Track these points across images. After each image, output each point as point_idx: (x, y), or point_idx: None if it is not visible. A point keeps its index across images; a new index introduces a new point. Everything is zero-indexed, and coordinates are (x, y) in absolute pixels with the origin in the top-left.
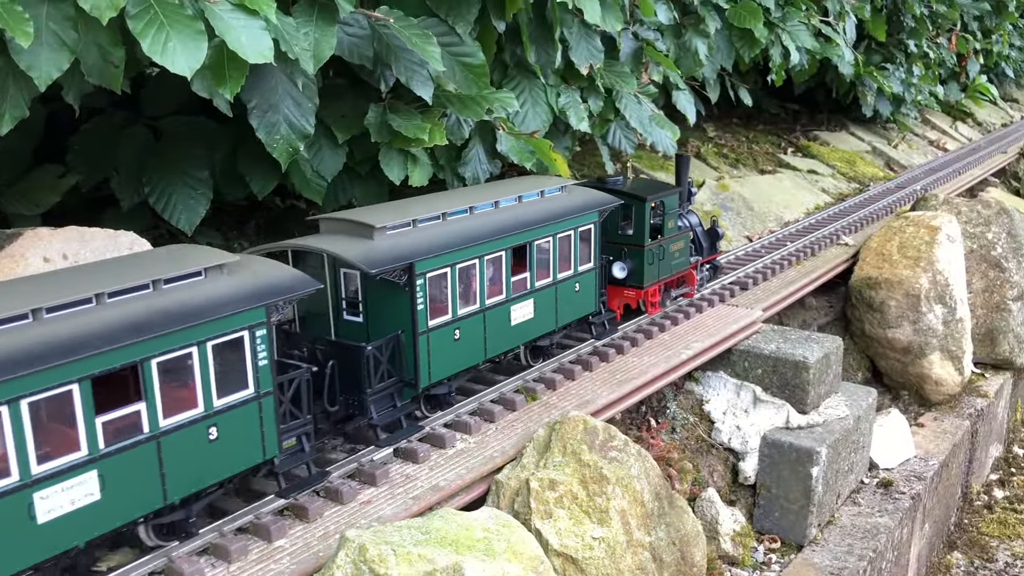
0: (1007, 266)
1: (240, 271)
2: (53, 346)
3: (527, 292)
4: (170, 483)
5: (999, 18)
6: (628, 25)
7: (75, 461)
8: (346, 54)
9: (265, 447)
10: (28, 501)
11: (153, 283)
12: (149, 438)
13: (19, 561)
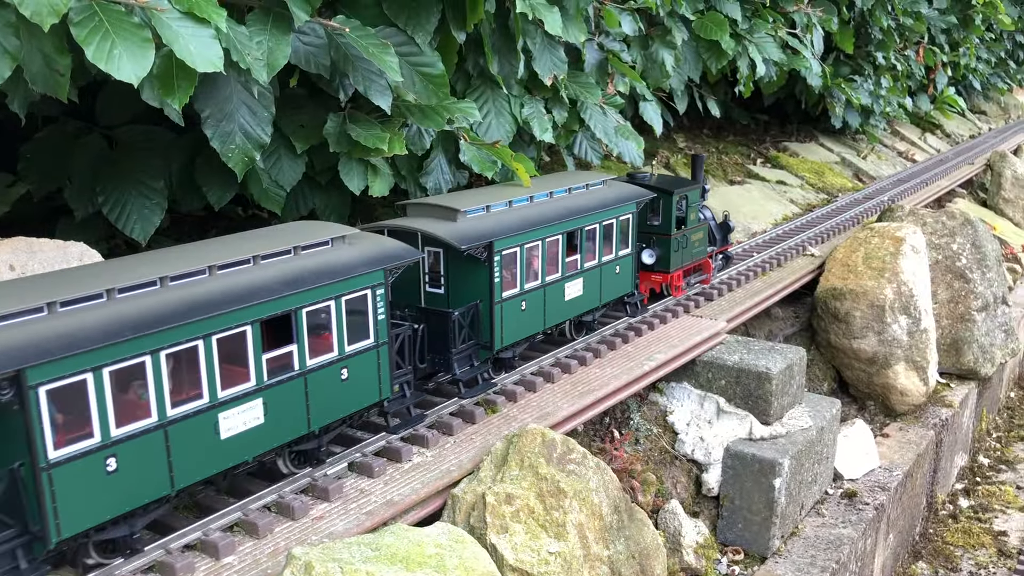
0: (972, 277)
1: (358, 242)
2: (230, 295)
3: (577, 272)
4: (313, 413)
5: (966, 31)
6: (593, 36)
7: (247, 389)
8: (302, 63)
9: (381, 389)
10: (215, 420)
11: (294, 249)
12: (299, 375)
13: (207, 469)
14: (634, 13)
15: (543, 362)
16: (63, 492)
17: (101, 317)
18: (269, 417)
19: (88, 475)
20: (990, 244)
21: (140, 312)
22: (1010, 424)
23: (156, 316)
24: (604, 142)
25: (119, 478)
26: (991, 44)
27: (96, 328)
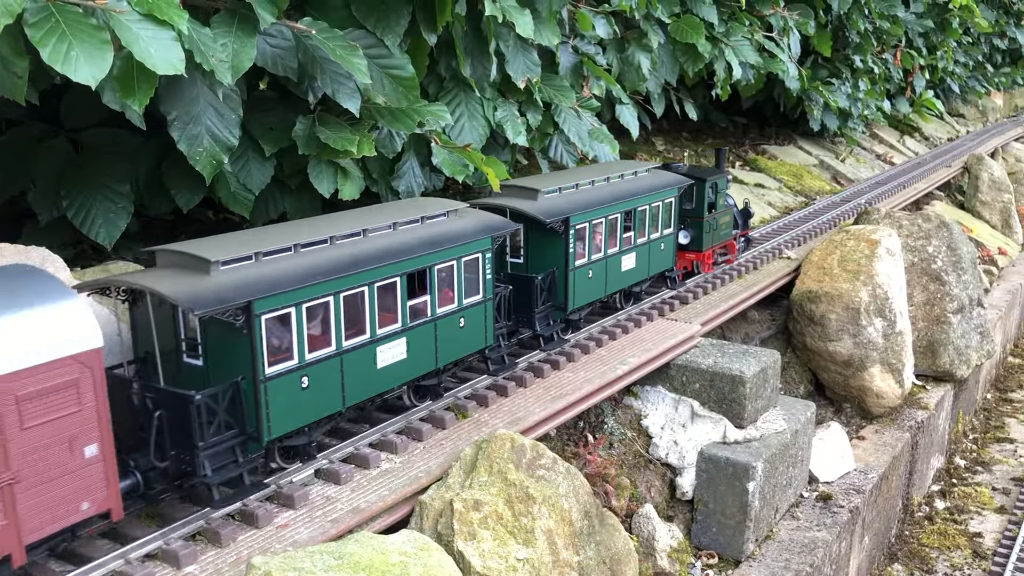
0: (947, 279)
1: (465, 215)
2: (383, 252)
3: (631, 247)
4: (440, 353)
5: (943, 35)
6: (567, 39)
7: (395, 330)
8: (269, 65)
9: (486, 337)
10: (374, 353)
11: (422, 219)
12: (431, 320)
13: (367, 392)
14: (609, 16)
15: (516, 366)
16: (273, 402)
17: (296, 265)
18: (410, 353)
19: (289, 389)
20: (965, 247)
21: (323, 263)
22: (986, 426)
23: (334, 266)
24: (578, 145)
25: (309, 393)
26: (968, 48)
27: (296, 273)
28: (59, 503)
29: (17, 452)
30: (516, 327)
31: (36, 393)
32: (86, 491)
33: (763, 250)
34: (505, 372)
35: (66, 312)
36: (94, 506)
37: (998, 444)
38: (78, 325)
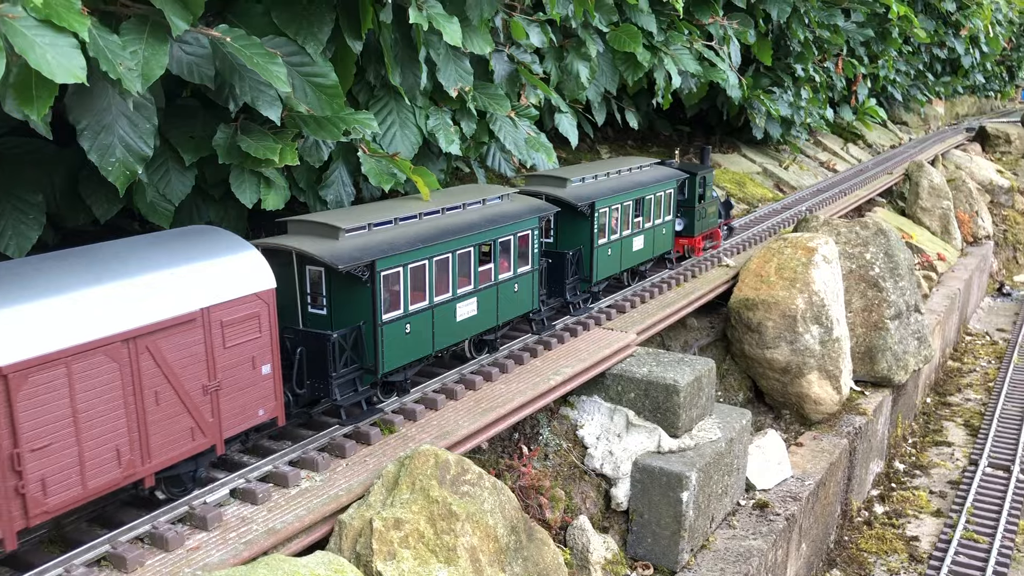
0: (884, 285)
1: (515, 199)
2: (460, 226)
3: (640, 231)
4: (499, 312)
5: (884, 44)
6: (502, 47)
7: (469, 291)
8: (184, 73)
9: (533, 301)
10: (454, 308)
11: (483, 200)
12: (494, 284)
13: (448, 340)
14: (544, 25)
15: (447, 379)
16: (386, 343)
17: (400, 234)
18: (479, 311)
19: (397, 334)
20: (902, 253)
21: (418, 233)
22: (925, 429)
23: (427, 236)
24: (514, 154)
25: (410, 338)
26: (909, 57)
27: (401, 240)
28: (245, 408)
29: (221, 366)
30: (549, 297)
31: (233, 320)
32: (262, 400)
33: (702, 258)
34: (546, 332)
35: (249, 260)
36: (267, 413)
37: (936, 448)
38: (258, 270)
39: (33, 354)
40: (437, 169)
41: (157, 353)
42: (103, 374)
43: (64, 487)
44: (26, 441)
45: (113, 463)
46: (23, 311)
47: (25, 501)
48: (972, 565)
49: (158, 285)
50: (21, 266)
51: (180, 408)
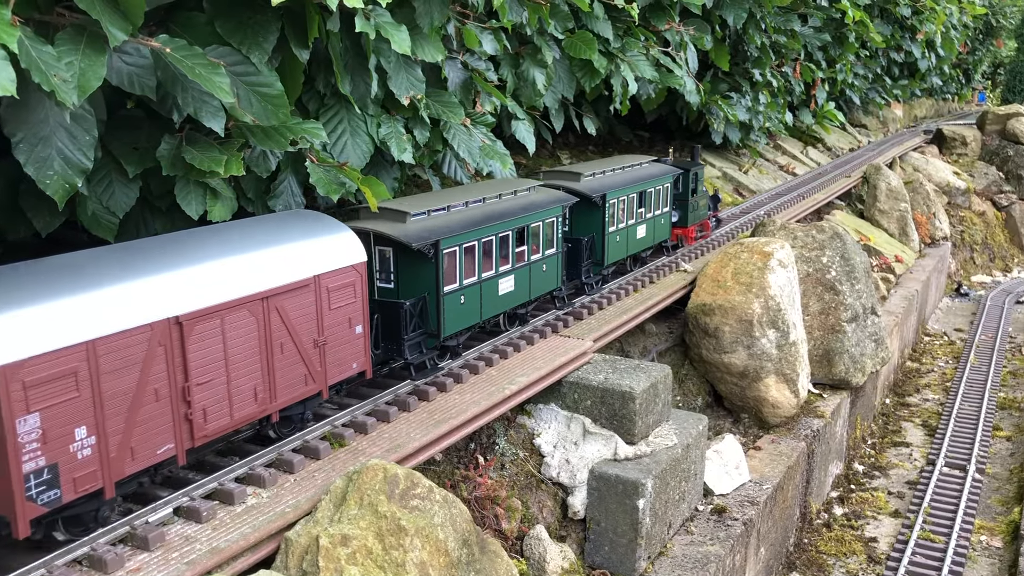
0: (841, 289)
1: (541, 190)
2: (500, 213)
3: (642, 220)
4: (532, 289)
5: (841, 49)
6: (456, 55)
7: (508, 269)
8: (125, 84)
9: (557, 280)
10: (497, 284)
11: (515, 192)
12: (526, 264)
13: (492, 311)
14: (498, 32)
15: (399, 390)
16: (447, 311)
17: (454, 219)
18: (515, 287)
19: (455, 303)
20: (858, 256)
21: (468, 218)
22: (884, 430)
23: (476, 221)
24: (469, 162)
25: (464, 307)
26: (867, 61)
27: (456, 223)
28: (343, 361)
29: (327, 324)
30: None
31: (336, 287)
32: (355, 356)
33: (659, 264)
34: (565, 309)
35: (347, 238)
36: (359, 367)
37: (895, 448)
38: (353, 246)
39: (199, 306)
40: (391, 178)
41: (282, 311)
42: (245, 326)
43: (218, 416)
44: (193, 376)
45: (251, 399)
46: (192, 272)
47: (192, 426)
48: (928, 565)
49: (282, 256)
50: (187, 236)
51: (298, 358)
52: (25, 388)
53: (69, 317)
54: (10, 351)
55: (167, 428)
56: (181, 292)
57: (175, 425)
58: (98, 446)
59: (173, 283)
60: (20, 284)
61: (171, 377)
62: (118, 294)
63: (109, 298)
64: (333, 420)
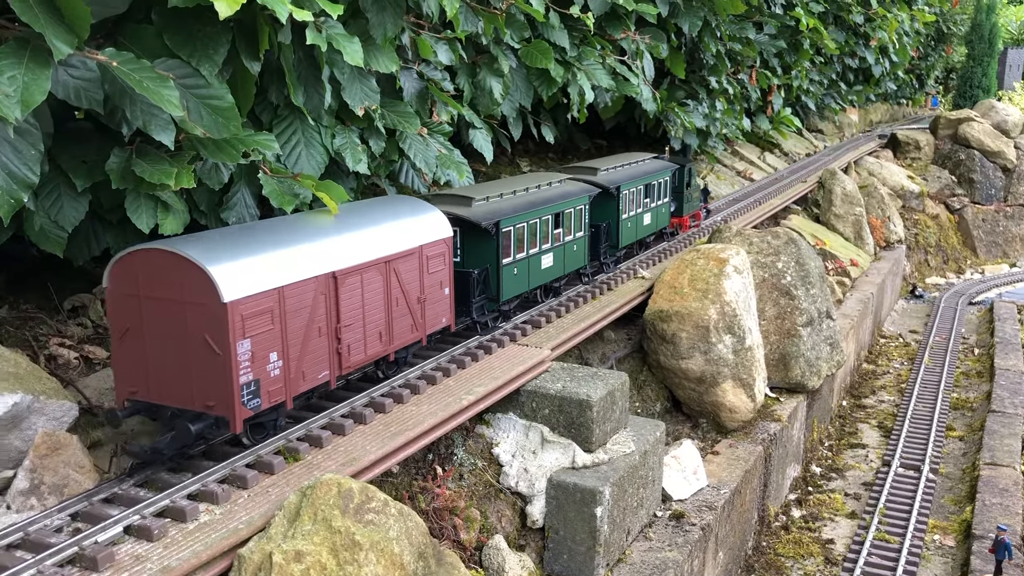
0: (796, 293)
1: (568, 182)
2: (542, 200)
3: (647, 209)
4: (566, 265)
5: (796, 55)
6: (412, 65)
7: (548, 248)
8: (72, 98)
9: (585, 259)
10: (540, 259)
11: (550, 183)
12: (561, 244)
13: (536, 282)
14: (453, 42)
15: (355, 402)
16: (504, 280)
17: (507, 204)
18: (554, 263)
19: (510, 274)
20: (813, 261)
21: (518, 203)
22: (841, 432)
23: (524, 205)
24: (425, 171)
25: (517, 278)
26: (822, 67)
27: (509, 207)
28: (436, 316)
29: (426, 285)
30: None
31: (432, 255)
32: (444, 312)
33: (618, 270)
34: (588, 284)
35: (438, 216)
36: (446, 322)
37: (852, 450)
38: (444, 223)
39: (346, 265)
40: (347, 187)
41: (398, 272)
42: (375, 282)
43: (357, 352)
44: (342, 319)
45: (378, 340)
46: (340, 239)
47: (340, 358)
48: (883, 565)
49: (397, 229)
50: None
51: (407, 310)
52: (243, 319)
53: (267, 268)
54: (234, 291)
55: (325, 358)
56: (335, 254)
57: (330, 356)
58: (283, 368)
59: (330, 247)
60: (234, 243)
61: (328, 319)
62: (295, 253)
63: (290, 256)
64: (288, 434)
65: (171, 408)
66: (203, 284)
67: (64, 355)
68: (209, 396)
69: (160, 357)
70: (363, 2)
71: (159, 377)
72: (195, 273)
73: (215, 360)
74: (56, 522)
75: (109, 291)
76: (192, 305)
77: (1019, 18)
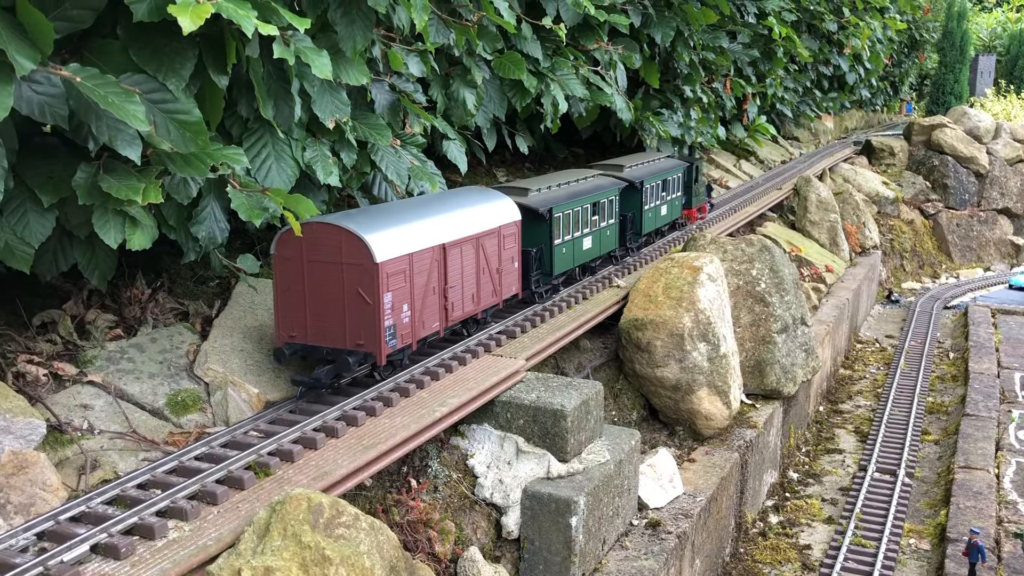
0: (771, 300)
1: (600, 177)
2: (584, 191)
3: (664, 201)
4: (601, 248)
5: (770, 64)
6: (383, 77)
7: (587, 232)
8: (36, 114)
9: (616, 242)
10: (582, 241)
11: (586, 178)
12: (598, 229)
13: (580, 260)
14: (424, 54)
15: (327, 416)
16: (556, 257)
17: (553, 195)
18: (592, 245)
19: (560, 252)
20: (787, 268)
21: (563, 194)
22: (818, 438)
23: (569, 195)
24: (397, 183)
25: (565, 256)
26: (796, 75)
27: (557, 197)
28: (508, 285)
29: (502, 259)
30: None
31: (506, 235)
32: (514, 283)
33: (593, 279)
34: (618, 265)
35: (510, 203)
36: (515, 290)
37: (829, 455)
38: (513, 209)
39: (452, 238)
40: (319, 200)
41: (484, 247)
42: (470, 254)
43: (457, 308)
44: (448, 281)
45: (471, 301)
46: (447, 217)
47: (446, 313)
48: (860, 570)
49: (483, 212)
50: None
51: (489, 279)
52: (387, 277)
53: (402, 238)
54: (383, 254)
55: (436, 312)
56: (444, 229)
57: (439, 311)
58: (411, 317)
59: (440, 223)
60: (377, 219)
61: (439, 281)
62: (420, 227)
63: (416, 229)
64: (259, 449)
65: (325, 348)
66: (360, 249)
67: (32, 372)
68: (360, 337)
69: (318, 307)
70: (332, 15)
71: (316, 324)
72: (354, 241)
73: (366, 308)
74: (21, 542)
75: (275, 257)
76: (349, 266)
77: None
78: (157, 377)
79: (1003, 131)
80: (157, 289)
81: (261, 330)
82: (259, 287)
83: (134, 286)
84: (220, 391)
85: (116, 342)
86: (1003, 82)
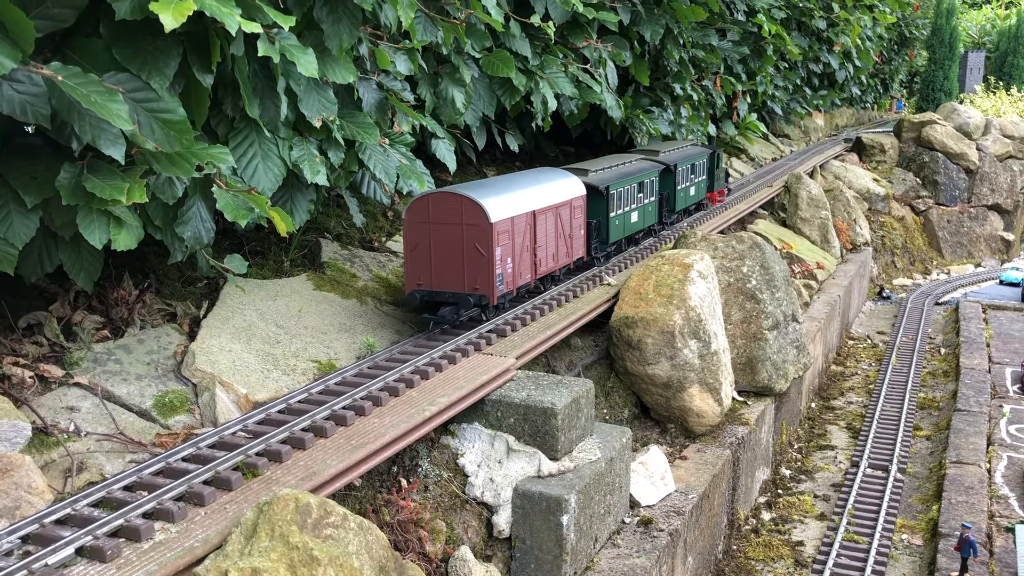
0: (761, 297)
1: (642, 160)
2: (633, 171)
3: (692, 184)
4: (644, 221)
5: (760, 61)
6: (371, 75)
7: (635, 207)
8: (17, 113)
9: (657, 217)
10: (630, 216)
11: (631, 161)
12: (643, 205)
13: (629, 231)
14: (412, 52)
15: (316, 416)
16: (611, 227)
17: (608, 174)
18: (638, 218)
19: (615, 223)
20: (778, 265)
21: (614, 174)
22: (810, 434)
23: (619, 176)
24: (385, 182)
25: (617, 227)
26: (787, 73)
27: (610, 176)
28: (576, 249)
29: (572, 226)
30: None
31: (574, 207)
32: (580, 248)
33: (583, 277)
34: (656, 237)
35: (576, 181)
36: (582, 254)
37: (821, 452)
38: (580, 186)
39: (540, 207)
40: (307, 199)
41: (560, 216)
42: (553, 220)
43: (543, 265)
44: (537, 242)
45: (552, 259)
46: (536, 190)
47: (535, 268)
48: (852, 566)
49: (559, 187)
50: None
51: (564, 243)
52: (498, 234)
53: (508, 204)
54: (495, 216)
55: (528, 267)
56: (534, 199)
57: (531, 266)
58: (512, 269)
59: (531, 194)
60: (489, 189)
61: (531, 241)
62: (518, 196)
63: (517, 197)
64: (246, 449)
65: (447, 293)
66: (478, 212)
67: (18, 374)
68: (476, 282)
69: (441, 261)
70: (318, 13)
71: (439, 274)
72: (472, 205)
73: (481, 259)
74: (6, 545)
75: (405, 220)
76: (468, 226)
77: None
78: (144, 378)
79: (993, 127)
80: (144, 290)
81: (249, 330)
82: (247, 287)
83: (121, 287)
84: (208, 392)
85: (103, 343)
86: (992, 78)
